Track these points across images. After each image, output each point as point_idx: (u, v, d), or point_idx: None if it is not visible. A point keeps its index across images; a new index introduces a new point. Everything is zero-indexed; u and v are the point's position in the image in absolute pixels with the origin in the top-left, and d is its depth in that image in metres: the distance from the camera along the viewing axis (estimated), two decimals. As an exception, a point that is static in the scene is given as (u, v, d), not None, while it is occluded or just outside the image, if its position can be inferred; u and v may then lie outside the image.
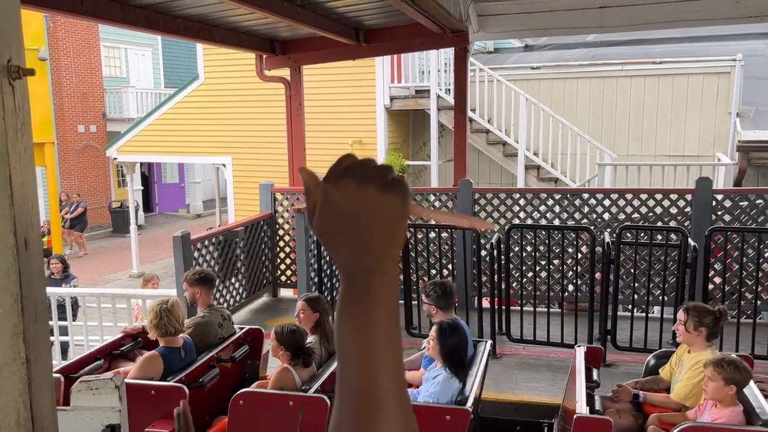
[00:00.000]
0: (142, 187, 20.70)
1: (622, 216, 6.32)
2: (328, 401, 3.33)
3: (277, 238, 7.27)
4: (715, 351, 3.71)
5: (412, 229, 6.31)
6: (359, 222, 0.64)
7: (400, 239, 0.65)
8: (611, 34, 11.38)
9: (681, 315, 3.75)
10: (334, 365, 3.85)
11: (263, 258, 7.08)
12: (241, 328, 4.51)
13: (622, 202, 6.34)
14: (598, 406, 3.35)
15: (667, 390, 3.81)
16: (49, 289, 6.29)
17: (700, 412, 3.32)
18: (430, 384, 3.53)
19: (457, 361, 3.55)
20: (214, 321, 4.27)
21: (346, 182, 0.64)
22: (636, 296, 5.86)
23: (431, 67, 10.66)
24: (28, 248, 0.97)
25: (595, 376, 3.76)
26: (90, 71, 18.86)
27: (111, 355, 4.23)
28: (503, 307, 5.69)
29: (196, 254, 5.90)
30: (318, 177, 0.67)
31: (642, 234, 5.86)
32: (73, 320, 6.87)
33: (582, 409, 3.18)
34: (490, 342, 4.40)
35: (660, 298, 5.92)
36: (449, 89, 10.31)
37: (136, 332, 4.47)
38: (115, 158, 14.20)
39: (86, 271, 13.39)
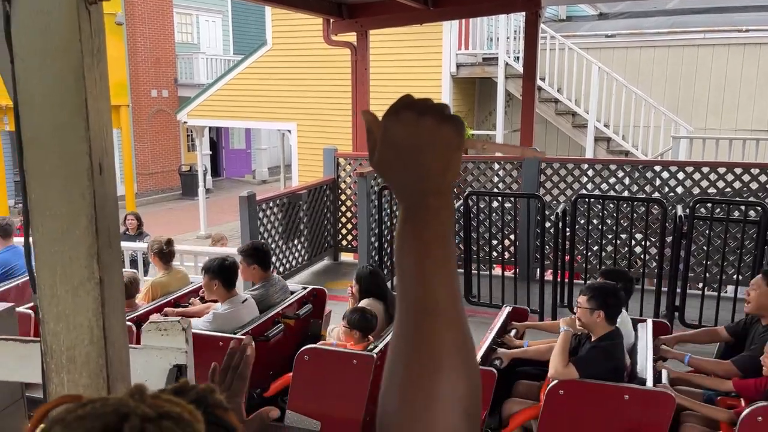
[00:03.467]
0: (211, 152, 21.25)
1: (696, 190, 6.04)
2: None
3: (339, 202, 7.34)
4: None
5: (474, 198, 6.24)
6: (417, 150, 0.69)
7: (455, 167, 0.70)
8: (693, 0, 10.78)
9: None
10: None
11: (325, 222, 7.17)
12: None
13: (697, 176, 6.05)
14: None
15: None
16: (123, 244, 6.57)
17: None
18: None
19: None
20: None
21: (404, 114, 0.69)
22: (708, 274, 5.62)
23: (500, 34, 10.39)
24: (103, 173, 1.00)
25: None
26: (163, 37, 19.36)
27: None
28: (566, 280, 5.57)
29: (261, 215, 6.02)
30: (379, 119, 0.73)
31: (717, 209, 5.58)
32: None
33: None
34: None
35: (734, 276, 5.65)
36: (518, 57, 10.04)
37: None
38: (185, 122, 14.59)
39: (157, 231, 13.94)
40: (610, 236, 5.93)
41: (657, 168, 6.30)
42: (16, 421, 2.38)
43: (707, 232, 5.61)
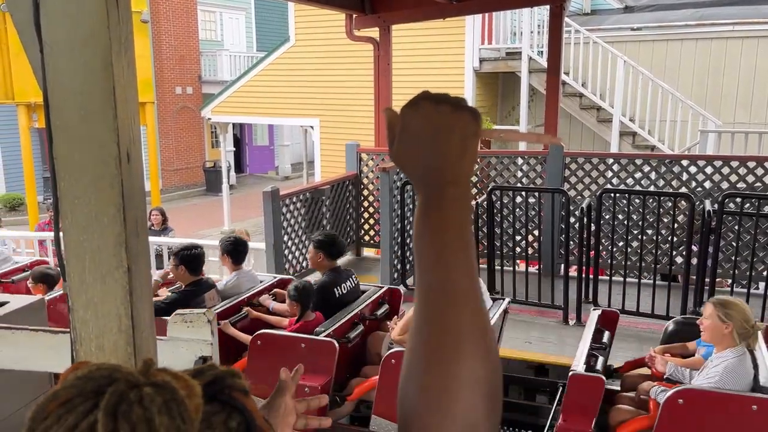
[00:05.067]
0: (234, 149, 21.41)
1: (725, 185, 5.92)
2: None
3: (362, 198, 7.34)
4: None
5: (498, 192, 6.19)
6: (435, 137, 0.70)
7: (472, 155, 0.71)
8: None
9: None
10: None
11: (347, 217, 7.18)
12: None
13: (726, 170, 5.93)
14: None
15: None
16: (149, 238, 6.64)
17: None
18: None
19: None
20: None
21: (422, 103, 0.72)
22: (737, 270, 5.51)
23: (524, 28, 10.30)
24: (131, 161, 1.01)
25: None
26: (187, 35, 19.53)
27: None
28: (591, 276, 5.51)
29: (284, 210, 6.05)
30: (398, 114, 0.75)
31: (747, 204, 5.47)
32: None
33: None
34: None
35: (764, 273, 5.54)
36: (542, 51, 9.95)
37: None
38: (209, 119, 14.72)
39: (181, 226, 14.10)
40: (635, 231, 5.85)
41: (684, 162, 6.19)
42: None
43: (736, 227, 5.51)
